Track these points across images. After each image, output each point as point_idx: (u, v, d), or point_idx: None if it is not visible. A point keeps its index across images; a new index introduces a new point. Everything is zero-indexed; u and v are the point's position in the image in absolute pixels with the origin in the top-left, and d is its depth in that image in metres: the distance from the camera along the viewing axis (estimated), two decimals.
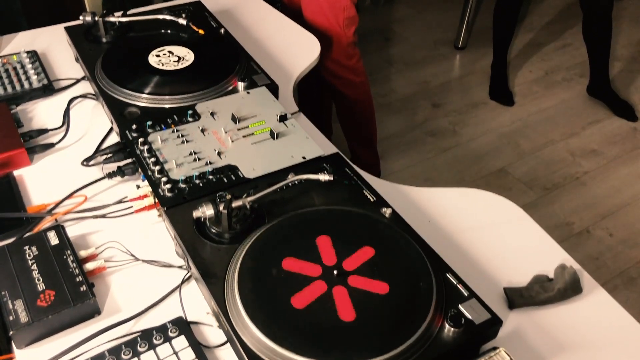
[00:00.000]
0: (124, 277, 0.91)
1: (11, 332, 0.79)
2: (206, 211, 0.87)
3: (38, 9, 2.09)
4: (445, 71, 3.04)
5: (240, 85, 1.20)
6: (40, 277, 0.85)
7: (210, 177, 0.98)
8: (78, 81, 1.31)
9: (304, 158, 1.03)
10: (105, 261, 0.91)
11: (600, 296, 0.91)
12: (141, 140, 1.04)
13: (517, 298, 0.88)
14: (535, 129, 2.66)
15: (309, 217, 0.92)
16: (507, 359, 0.75)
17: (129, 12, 1.42)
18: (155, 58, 1.26)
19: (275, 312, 0.77)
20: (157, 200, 0.96)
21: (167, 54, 1.27)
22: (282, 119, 1.11)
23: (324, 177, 0.92)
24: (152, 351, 0.78)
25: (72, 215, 1.00)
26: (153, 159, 1.00)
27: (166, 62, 1.25)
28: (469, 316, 0.78)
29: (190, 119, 1.11)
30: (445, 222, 1.02)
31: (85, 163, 1.09)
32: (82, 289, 0.84)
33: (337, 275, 0.81)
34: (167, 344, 0.79)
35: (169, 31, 1.38)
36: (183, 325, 0.82)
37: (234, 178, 0.99)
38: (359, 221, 0.91)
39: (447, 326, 0.76)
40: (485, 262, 0.95)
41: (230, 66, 1.25)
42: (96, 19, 1.34)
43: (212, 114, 1.12)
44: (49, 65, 1.37)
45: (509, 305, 0.88)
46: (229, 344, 0.81)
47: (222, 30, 1.40)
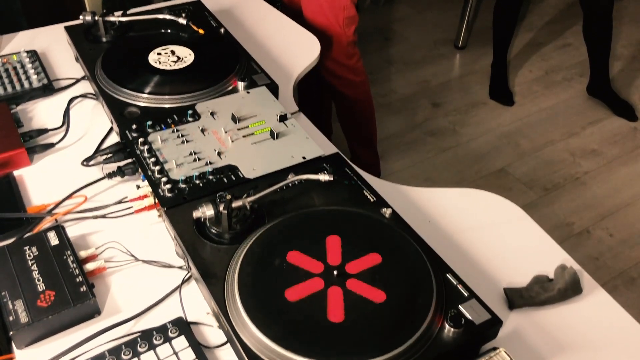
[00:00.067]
0: (124, 278, 0.91)
1: (11, 333, 0.79)
2: (206, 211, 0.87)
3: (38, 8, 2.08)
4: (445, 71, 3.03)
5: (240, 85, 1.20)
6: (40, 278, 0.85)
7: (210, 177, 0.98)
8: (78, 81, 1.31)
9: (304, 158, 1.03)
10: (105, 261, 0.91)
11: (600, 296, 0.91)
12: (141, 140, 1.04)
13: (517, 298, 0.88)
14: (535, 129, 2.66)
15: (325, 216, 0.91)
16: (507, 359, 0.75)
17: (128, 12, 1.42)
18: (155, 57, 1.25)
19: (269, 303, 0.77)
20: (157, 201, 0.96)
21: (167, 53, 1.27)
22: (282, 118, 1.11)
23: (324, 177, 0.92)
24: (152, 351, 0.78)
25: (72, 215, 1.00)
26: (153, 159, 1.00)
27: (166, 61, 1.25)
28: (469, 316, 0.78)
29: (190, 119, 1.11)
30: (445, 222, 1.02)
31: (85, 163, 1.09)
32: (82, 289, 0.84)
33: (337, 276, 0.81)
34: (167, 344, 0.79)
35: (169, 31, 1.37)
36: (183, 326, 0.82)
37: (234, 178, 0.99)
38: (375, 227, 0.90)
39: (447, 326, 0.76)
40: (485, 263, 0.95)
41: (230, 66, 1.25)
42: (96, 18, 1.34)
43: (212, 113, 1.12)
44: (49, 64, 1.37)
45: (509, 306, 0.88)
46: (229, 344, 0.81)
47: (222, 30, 1.40)
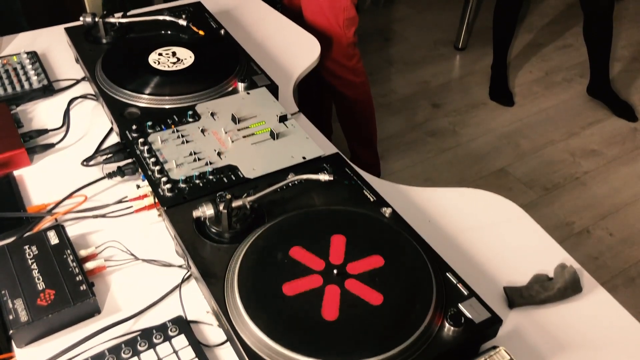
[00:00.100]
0: (123, 277, 0.91)
1: (11, 331, 0.79)
2: (206, 211, 0.87)
3: (38, 9, 2.09)
4: (445, 71, 3.04)
5: (240, 86, 1.20)
6: (40, 277, 0.85)
7: (210, 177, 0.98)
8: (78, 82, 1.31)
9: (304, 158, 1.03)
10: (105, 260, 0.91)
11: (600, 295, 0.91)
12: (141, 140, 1.05)
13: (517, 297, 0.88)
14: (535, 129, 2.66)
15: (331, 215, 0.91)
16: (507, 358, 0.75)
17: (129, 13, 1.42)
18: (156, 58, 1.26)
19: (269, 302, 0.78)
20: (157, 200, 0.96)
21: (167, 54, 1.27)
22: (282, 119, 1.11)
23: (324, 177, 0.92)
24: (152, 350, 0.78)
25: (72, 215, 1.00)
26: (153, 159, 1.00)
27: (166, 62, 1.25)
28: (469, 315, 0.78)
29: (190, 120, 1.11)
30: (445, 222, 1.02)
31: (85, 163, 1.09)
32: (82, 288, 0.84)
33: (337, 275, 0.81)
34: (167, 343, 0.79)
35: (169, 32, 1.38)
36: (183, 325, 0.82)
37: (234, 178, 0.99)
38: (380, 229, 0.90)
39: (447, 325, 0.76)
40: (485, 262, 0.95)
41: (230, 67, 1.25)
42: (96, 19, 1.34)
43: (212, 114, 1.12)
44: (49, 66, 1.37)
45: (509, 305, 0.88)
46: (228, 343, 0.81)
47: (222, 31, 1.40)
